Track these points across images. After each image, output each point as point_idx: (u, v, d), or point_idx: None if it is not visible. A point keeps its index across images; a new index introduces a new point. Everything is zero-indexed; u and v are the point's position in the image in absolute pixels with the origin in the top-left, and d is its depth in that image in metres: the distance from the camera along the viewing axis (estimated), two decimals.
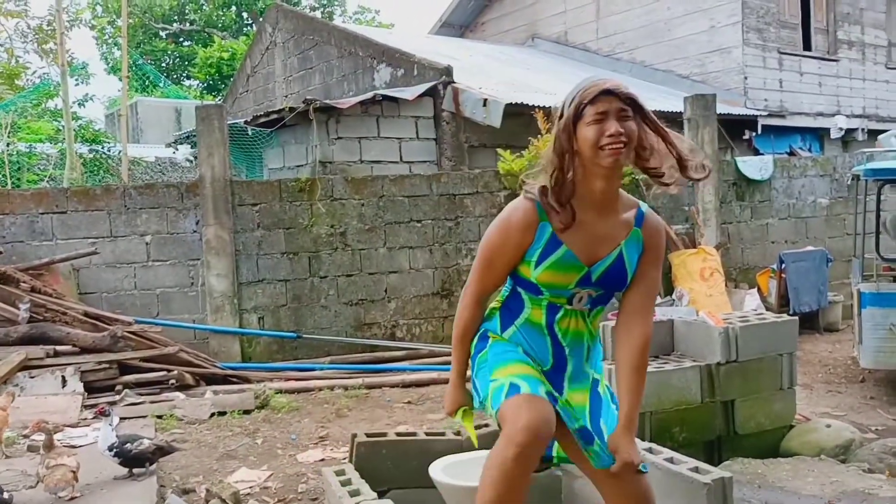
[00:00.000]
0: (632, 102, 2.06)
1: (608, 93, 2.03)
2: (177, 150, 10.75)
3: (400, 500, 3.16)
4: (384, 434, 3.25)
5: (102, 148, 10.76)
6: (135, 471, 4.24)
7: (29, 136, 10.06)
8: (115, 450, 4.15)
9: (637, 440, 2.98)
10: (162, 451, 4.31)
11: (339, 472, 3.01)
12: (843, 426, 4.54)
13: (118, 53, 25.99)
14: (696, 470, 2.74)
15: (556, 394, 2.22)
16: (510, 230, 2.17)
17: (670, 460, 2.83)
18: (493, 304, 2.38)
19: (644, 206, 2.27)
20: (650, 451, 2.96)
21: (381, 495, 3.17)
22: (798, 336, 4.61)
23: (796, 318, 4.66)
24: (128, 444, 4.20)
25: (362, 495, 2.70)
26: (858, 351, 6.04)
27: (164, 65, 27.52)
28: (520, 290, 2.27)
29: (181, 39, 27.60)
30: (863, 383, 6.36)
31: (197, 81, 25.55)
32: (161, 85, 19.82)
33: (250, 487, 4.41)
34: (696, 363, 4.26)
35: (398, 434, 3.24)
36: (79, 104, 10.89)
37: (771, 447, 4.45)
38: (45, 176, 9.03)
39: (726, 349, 4.27)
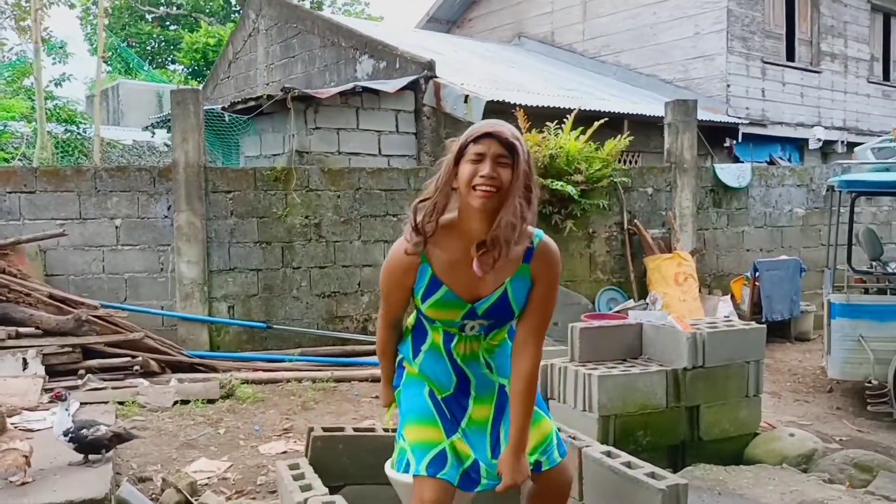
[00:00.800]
0: (512, 150, 2.08)
1: (490, 135, 2.07)
2: (154, 133, 10.61)
3: (356, 495, 3.12)
4: (341, 429, 3.20)
5: (78, 129, 10.58)
6: (90, 457, 4.15)
7: (1, 113, 9.87)
8: (70, 435, 4.06)
9: (594, 444, 2.96)
10: (119, 438, 4.22)
11: (293, 466, 2.96)
12: (807, 436, 4.55)
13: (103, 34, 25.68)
14: (651, 475, 2.71)
15: (456, 425, 2.37)
16: (393, 272, 2.30)
17: (627, 465, 2.80)
18: (409, 321, 2.51)
19: (537, 239, 2.27)
20: (608, 454, 2.93)
21: (336, 490, 3.12)
22: (769, 344, 4.61)
23: (764, 326, 4.65)
24: (84, 430, 4.10)
25: (314, 490, 2.65)
26: (827, 361, 6.07)
27: (149, 48, 27.23)
28: (420, 317, 2.41)
29: (167, 23, 27.33)
30: (830, 393, 6.40)
31: (182, 66, 25.29)
32: (143, 69, 19.59)
33: (208, 478, 4.35)
34: (663, 367, 4.24)
35: (356, 429, 3.19)
36: (55, 83, 10.68)
37: (735, 454, 4.43)
38: (17, 155, 8.85)
39: (693, 355, 4.25)
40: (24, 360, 5.76)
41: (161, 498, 3.97)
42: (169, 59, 27.21)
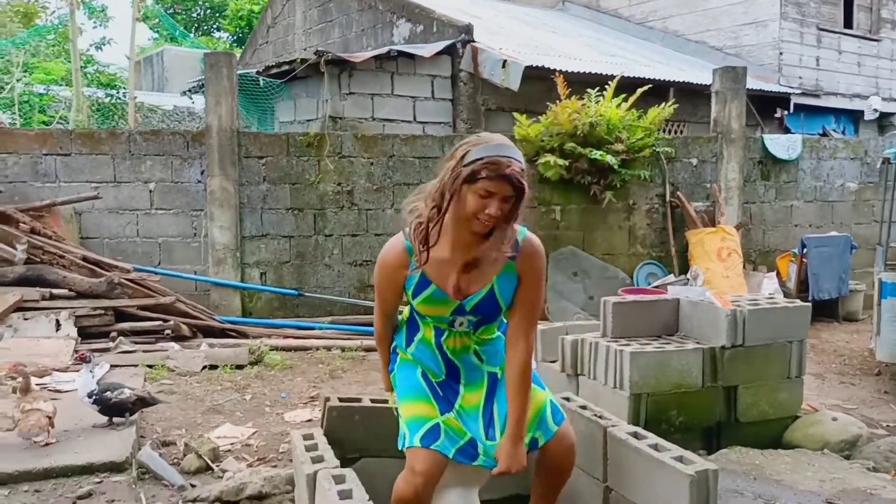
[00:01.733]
0: (520, 191, 2.18)
1: (505, 178, 2.14)
2: (192, 99, 10.61)
3: (372, 468, 3.03)
4: (358, 399, 3.10)
5: (118, 93, 10.62)
6: (115, 420, 4.17)
7: (41, 76, 9.94)
8: (94, 397, 4.08)
9: (621, 424, 2.82)
10: (143, 401, 4.22)
11: (308, 437, 2.87)
12: (851, 420, 4.32)
13: (149, 0, 25.83)
14: (680, 459, 2.55)
15: (450, 405, 2.48)
16: (385, 269, 2.44)
17: (654, 447, 2.65)
18: (405, 313, 2.63)
19: (521, 237, 2.38)
20: (635, 435, 2.78)
21: (351, 462, 3.04)
22: (814, 324, 4.38)
23: (809, 304, 4.41)
24: (108, 393, 4.11)
25: (325, 462, 2.56)
26: (876, 343, 5.79)
27: (194, 15, 27.31)
28: (413, 311, 2.53)
29: None
30: (878, 377, 6.11)
31: (227, 33, 25.31)
32: (187, 38, 19.64)
33: (231, 444, 4.31)
34: (700, 345, 4.05)
35: (373, 400, 3.09)
36: (96, 47, 10.71)
37: (773, 437, 4.25)
38: (57, 118, 8.91)
39: (732, 332, 4.05)
40: (58, 321, 5.81)
41: (182, 463, 3.94)
42: (214, 26, 27.24)
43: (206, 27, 27.41)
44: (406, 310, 2.59)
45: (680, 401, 3.97)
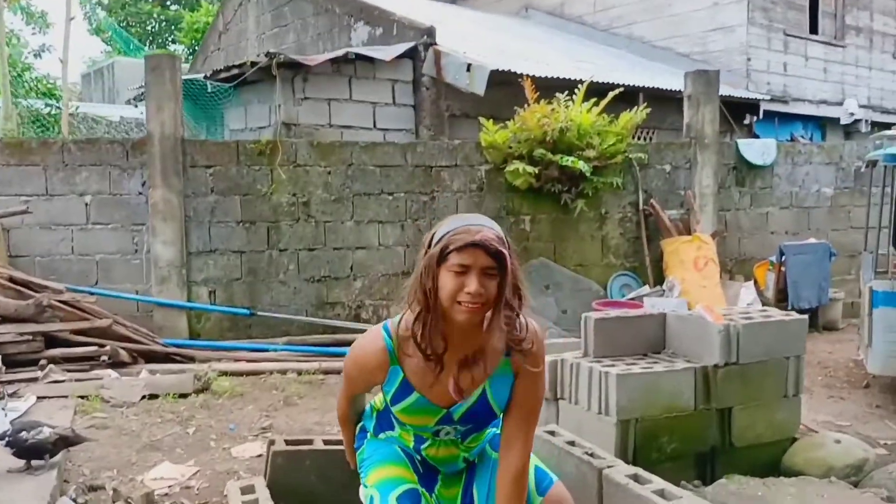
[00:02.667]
0: (500, 259, 1.83)
1: (476, 245, 1.81)
2: (139, 107, 10.01)
3: None
4: (309, 441, 2.63)
5: (58, 103, 10.00)
6: (33, 463, 3.63)
7: None
8: (7, 439, 3.55)
9: (618, 464, 2.40)
10: (66, 441, 3.70)
11: (247, 490, 2.40)
12: (855, 442, 3.97)
13: (102, 14, 25.08)
14: (661, 494, 2.15)
15: (428, 488, 2.12)
16: (362, 366, 2.05)
17: (661, 493, 2.23)
18: (377, 402, 2.21)
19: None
20: (636, 478, 2.36)
21: None
22: None
23: (805, 318, 4.07)
24: (23, 433, 3.59)
25: None
26: (866, 354, 5.47)
27: (149, 28, 26.62)
28: (388, 408, 2.10)
29: (168, 3, 26.68)
30: (867, 389, 5.80)
31: (182, 46, 24.66)
32: (140, 51, 18.98)
33: (169, 487, 3.80)
34: (691, 364, 3.68)
35: (326, 441, 2.62)
36: (34, 55, 10.11)
37: (771, 462, 3.90)
38: None
39: (726, 350, 3.69)
40: None
41: None
42: (170, 38, 26.58)
43: (160, 40, 26.73)
44: (378, 398, 2.18)
45: (671, 426, 3.60)
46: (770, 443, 3.89)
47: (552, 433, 2.80)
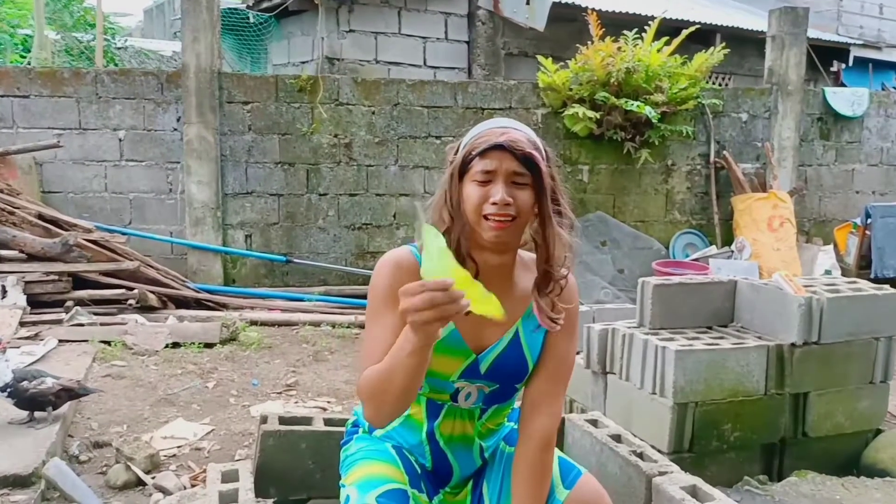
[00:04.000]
0: (530, 164, 1.54)
1: (501, 147, 1.52)
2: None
3: None
4: (307, 420, 2.27)
5: (113, 39, 9.74)
6: (36, 415, 3.41)
7: (11, 11, 9.10)
8: (8, 389, 3.32)
9: (673, 472, 1.96)
10: (69, 393, 3.45)
11: (229, 476, 2.05)
12: None
13: None
14: (693, 493, 1.72)
15: (428, 494, 1.72)
16: (391, 271, 1.62)
17: (692, 492, 1.79)
18: None
19: None
20: (693, 492, 1.91)
21: None
22: None
23: None
24: (24, 383, 3.36)
25: None
26: None
27: None
28: None
29: None
30: None
31: None
32: None
33: (178, 447, 3.53)
34: (763, 342, 3.20)
35: (326, 422, 2.25)
36: None
37: (849, 456, 3.43)
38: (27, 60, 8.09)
39: (806, 326, 3.19)
40: (3, 287, 5.05)
41: (108, 474, 3.17)
42: None
43: None
44: None
45: (736, 411, 3.15)
46: (849, 434, 3.42)
47: (594, 423, 2.36)
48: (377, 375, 1.47)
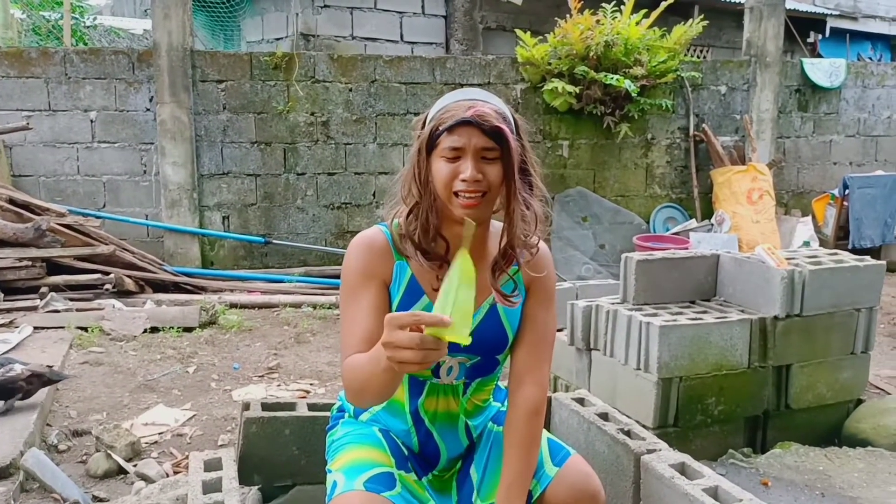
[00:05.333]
0: (499, 138, 1.50)
1: (468, 123, 1.49)
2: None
3: (307, 499, 2.20)
4: (291, 406, 2.23)
5: (81, 17, 9.50)
6: (16, 403, 3.35)
7: None
8: None
9: (661, 450, 1.95)
10: (41, 379, 3.39)
11: (212, 465, 2.01)
12: None
13: None
14: (714, 495, 1.73)
15: (415, 474, 1.69)
16: (363, 252, 1.61)
17: (713, 493, 1.78)
18: None
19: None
20: (682, 469, 1.90)
21: (282, 492, 2.20)
22: None
23: (882, 263, 3.54)
24: None
25: None
26: None
27: None
28: None
29: None
30: None
31: None
32: None
33: (159, 434, 3.49)
34: (746, 315, 3.20)
35: (311, 406, 2.21)
36: None
37: (832, 427, 3.46)
38: None
39: (789, 299, 3.20)
40: None
41: (88, 463, 3.12)
42: None
43: None
44: None
45: (720, 385, 3.16)
46: (831, 405, 3.44)
47: (581, 401, 2.35)
48: (356, 374, 1.46)
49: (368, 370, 1.40)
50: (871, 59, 11.05)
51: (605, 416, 2.23)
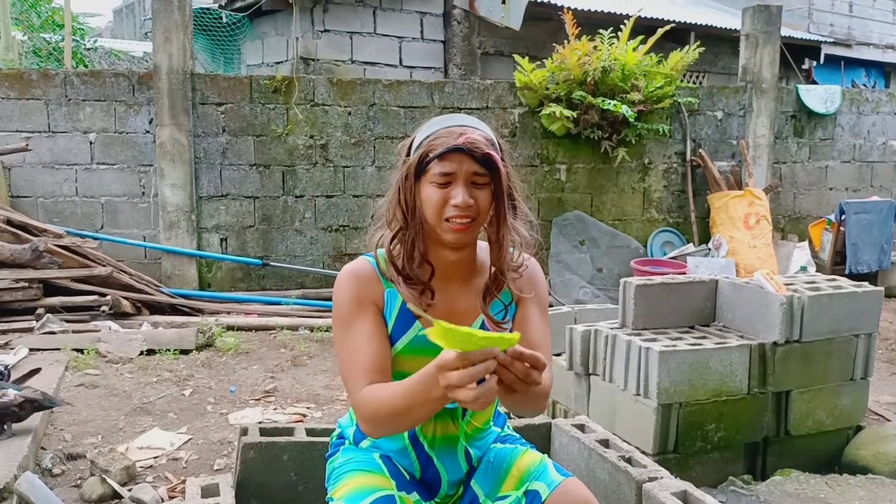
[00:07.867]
0: (490, 165, 1.53)
1: (460, 150, 1.51)
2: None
3: None
4: (289, 431, 2.21)
5: (82, 40, 9.56)
6: (14, 427, 3.32)
7: None
8: None
9: (663, 478, 1.94)
10: (34, 405, 3.34)
11: (209, 491, 1.99)
12: None
13: None
14: (684, 499, 1.72)
15: (416, 497, 1.67)
16: (352, 282, 1.61)
17: (682, 497, 1.77)
18: None
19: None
20: (685, 498, 1.89)
21: None
22: None
23: (881, 289, 3.54)
24: None
25: None
26: None
27: None
28: None
29: None
30: None
31: None
32: None
33: (155, 458, 3.45)
34: (746, 341, 3.19)
35: (309, 432, 2.20)
36: None
37: (831, 453, 3.45)
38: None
39: (788, 325, 3.20)
40: None
41: (83, 487, 3.08)
42: None
43: None
44: None
45: (720, 411, 3.15)
46: (831, 431, 3.43)
47: (581, 427, 2.33)
48: (391, 407, 1.46)
49: (412, 401, 1.42)
50: (865, 85, 11.16)
51: (605, 443, 2.22)
